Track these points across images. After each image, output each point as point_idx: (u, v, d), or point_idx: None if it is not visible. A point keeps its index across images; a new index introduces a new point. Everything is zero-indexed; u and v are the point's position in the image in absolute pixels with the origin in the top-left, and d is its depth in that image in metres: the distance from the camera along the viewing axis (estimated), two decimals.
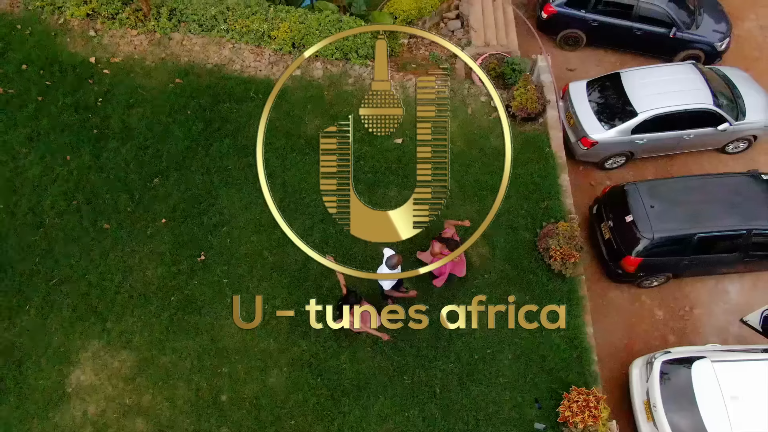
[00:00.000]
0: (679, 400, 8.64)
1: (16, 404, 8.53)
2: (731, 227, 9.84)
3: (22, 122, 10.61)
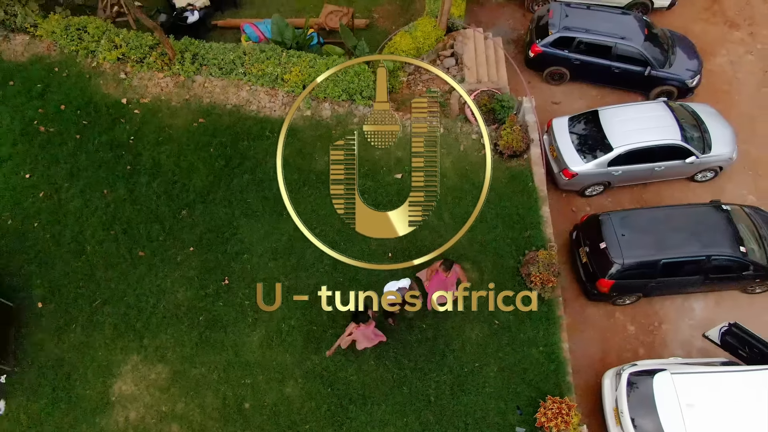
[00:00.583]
0: (643, 407, 9.93)
1: (66, 411, 9.84)
2: (692, 254, 11.11)
3: (63, 159, 11.92)
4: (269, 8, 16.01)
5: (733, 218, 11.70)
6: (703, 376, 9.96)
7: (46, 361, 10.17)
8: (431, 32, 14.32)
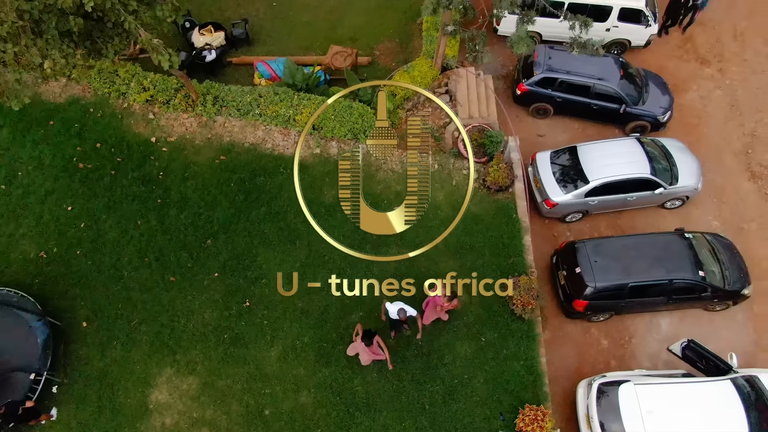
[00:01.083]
0: (610, 413, 11.46)
1: (111, 418, 11.38)
2: (657, 278, 12.63)
3: (100, 192, 13.46)
4: (279, 46, 17.59)
5: (695, 245, 13.20)
6: (661, 386, 11.48)
7: (91, 373, 11.71)
8: (427, 72, 15.86)
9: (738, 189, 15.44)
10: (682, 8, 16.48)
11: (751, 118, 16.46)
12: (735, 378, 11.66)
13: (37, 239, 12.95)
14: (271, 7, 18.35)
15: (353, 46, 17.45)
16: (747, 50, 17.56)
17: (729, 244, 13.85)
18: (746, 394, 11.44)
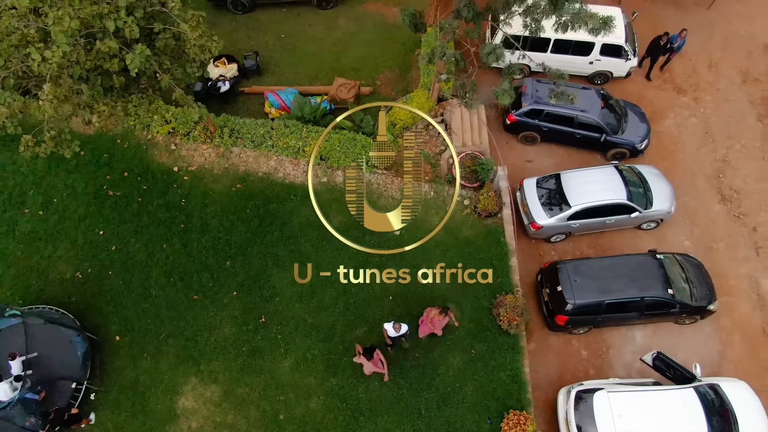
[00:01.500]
0: (586, 417, 12.90)
1: (143, 421, 12.84)
2: (630, 296, 14.06)
3: (128, 218, 14.92)
4: (287, 76, 19.05)
5: (665, 265, 14.63)
6: (631, 393, 12.92)
7: (125, 382, 13.18)
8: (425, 103, 17.30)
9: (709, 211, 16.86)
10: (661, 50, 17.88)
11: (723, 145, 17.88)
12: (697, 386, 13.09)
13: (73, 261, 14.41)
14: (280, 39, 19.80)
15: (356, 76, 18.93)
16: (721, 80, 18.98)
17: (698, 263, 15.27)
18: (708, 401, 12.87)
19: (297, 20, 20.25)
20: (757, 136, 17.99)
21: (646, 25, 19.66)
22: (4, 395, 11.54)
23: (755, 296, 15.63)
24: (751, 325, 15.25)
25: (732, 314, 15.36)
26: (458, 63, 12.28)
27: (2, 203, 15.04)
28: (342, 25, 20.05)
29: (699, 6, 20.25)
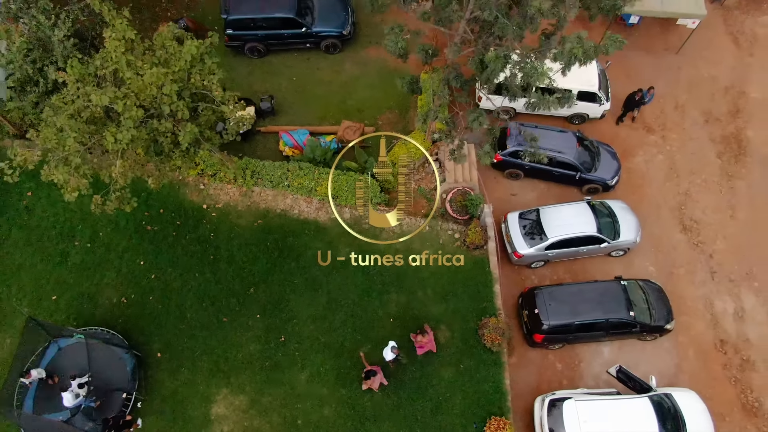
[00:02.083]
0: (557, 422, 15.26)
1: (182, 426, 15.23)
2: (596, 318, 16.40)
3: (165, 250, 17.29)
4: (299, 116, 21.38)
5: (628, 290, 16.97)
6: (595, 402, 15.28)
7: (166, 392, 15.56)
8: (421, 143, 19.62)
9: (671, 239, 19.20)
10: (635, 103, 20.21)
11: (686, 179, 20.21)
12: (652, 395, 15.45)
13: (118, 287, 16.81)
14: (292, 82, 22.14)
15: (360, 116, 21.28)
16: (685, 120, 21.31)
17: (657, 287, 17.62)
18: (660, 408, 15.23)
19: (307, 64, 22.56)
20: (716, 171, 20.30)
21: (621, 69, 21.96)
22: (68, 402, 13.92)
23: (709, 315, 17.99)
24: (704, 341, 17.60)
25: (688, 332, 17.70)
26: (448, 124, 14.61)
27: (56, 236, 17.42)
28: (347, 69, 22.34)
29: (668, 51, 22.54)
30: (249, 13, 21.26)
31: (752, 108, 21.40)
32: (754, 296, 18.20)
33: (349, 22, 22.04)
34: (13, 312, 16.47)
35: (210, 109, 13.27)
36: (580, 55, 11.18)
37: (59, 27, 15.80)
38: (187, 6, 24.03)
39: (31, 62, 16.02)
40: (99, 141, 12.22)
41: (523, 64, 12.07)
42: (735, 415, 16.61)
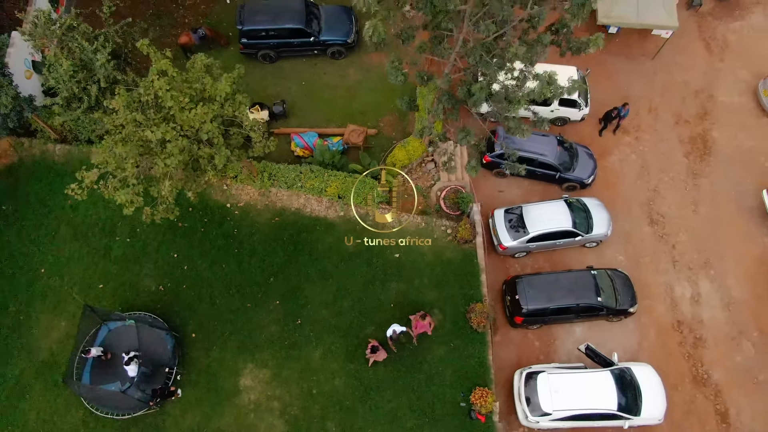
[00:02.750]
0: (532, 392, 18.07)
1: (215, 395, 18.03)
2: (568, 303, 19.03)
3: (195, 244, 19.87)
4: (308, 118, 23.66)
5: (597, 278, 19.55)
6: (564, 375, 18.03)
7: (201, 367, 18.36)
8: (419, 146, 21.97)
9: (640, 232, 21.71)
10: (611, 119, 22.41)
11: (656, 177, 22.61)
12: (613, 369, 18.21)
13: (156, 277, 19.46)
14: (301, 86, 24.35)
15: (363, 118, 23.54)
16: (658, 122, 23.57)
17: (624, 275, 20.23)
18: (620, 380, 17.99)
19: (314, 69, 24.71)
20: (683, 170, 22.70)
21: (601, 73, 24.11)
22: (133, 372, 16.77)
23: (669, 300, 20.66)
24: (663, 322, 20.31)
25: (650, 314, 20.39)
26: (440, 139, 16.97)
27: (99, 232, 19.99)
28: (351, 74, 24.49)
29: (645, 57, 24.63)
30: (262, 24, 23.34)
31: (719, 111, 23.61)
32: (710, 283, 20.81)
33: (353, 31, 24.09)
34: (66, 299, 19.15)
35: (239, 134, 15.66)
36: (548, 95, 13.49)
37: (100, 51, 18.03)
38: (202, 13, 26.05)
39: (76, 82, 18.30)
40: (150, 164, 14.65)
41: (500, 96, 14.41)
42: (686, 385, 19.42)
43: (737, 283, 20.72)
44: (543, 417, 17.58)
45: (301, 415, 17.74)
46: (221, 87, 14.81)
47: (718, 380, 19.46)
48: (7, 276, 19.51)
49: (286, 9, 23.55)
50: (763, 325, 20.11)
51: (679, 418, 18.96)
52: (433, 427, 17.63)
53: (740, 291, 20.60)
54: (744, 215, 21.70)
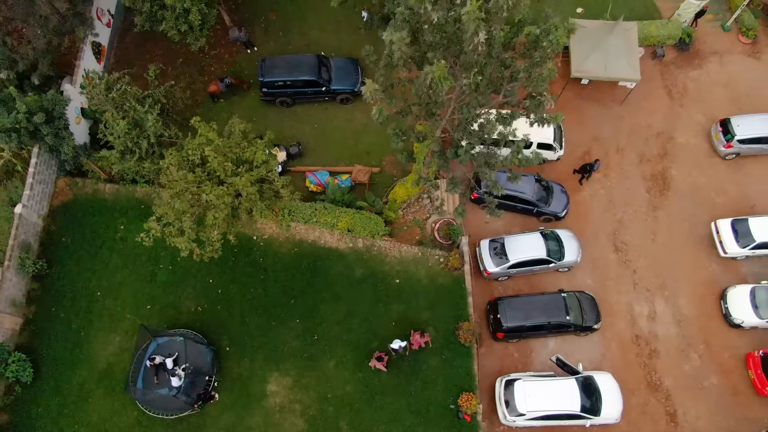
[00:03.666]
0: (510, 396, 21.78)
1: (246, 399, 21.73)
2: (542, 321, 22.70)
3: (226, 271, 23.57)
4: (320, 157, 27.28)
5: (567, 299, 23.22)
6: (537, 382, 21.69)
7: (234, 375, 22.07)
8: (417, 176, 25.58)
9: (606, 258, 25.35)
10: (587, 170, 26.01)
11: (620, 210, 26.22)
12: (578, 377, 21.89)
13: (195, 299, 23.16)
14: (314, 129, 27.97)
15: (368, 158, 27.17)
16: (624, 161, 27.17)
17: (590, 297, 23.89)
18: (583, 387, 21.65)
19: (325, 113, 28.36)
20: (644, 204, 26.32)
21: (575, 117, 27.70)
22: (177, 382, 20.46)
23: (629, 317, 24.30)
24: (624, 336, 23.95)
25: (613, 329, 24.04)
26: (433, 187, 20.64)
27: (145, 260, 23.69)
28: (357, 118, 28.09)
29: (614, 102, 28.21)
30: (279, 77, 27.02)
31: (677, 151, 27.23)
32: (664, 302, 24.46)
33: (359, 81, 27.72)
34: (119, 318, 22.88)
35: (271, 189, 19.37)
36: (517, 164, 17.17)
37: (150, 112, 21.74)
38: (226, 62, 29.72)
39: (130, 138, 22.01)
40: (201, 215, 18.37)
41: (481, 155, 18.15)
42: (642, 390, 23.07)
43: (687, 302, 24.35)
44: (519, 417, 21.26)
45: (318, 415, 21.44)
46: (258, 155, 18.50)
47: (668, 386, 23.10)
48: (70, 298, 23.22)
49: (300, 63, 27.21)
50: (708, 338, 23.76)
51: (635, 418, 22.59)
52: (427, 425, 21.32)
53: (690, 309, 24.23)
54: (695, 244, 25.32)
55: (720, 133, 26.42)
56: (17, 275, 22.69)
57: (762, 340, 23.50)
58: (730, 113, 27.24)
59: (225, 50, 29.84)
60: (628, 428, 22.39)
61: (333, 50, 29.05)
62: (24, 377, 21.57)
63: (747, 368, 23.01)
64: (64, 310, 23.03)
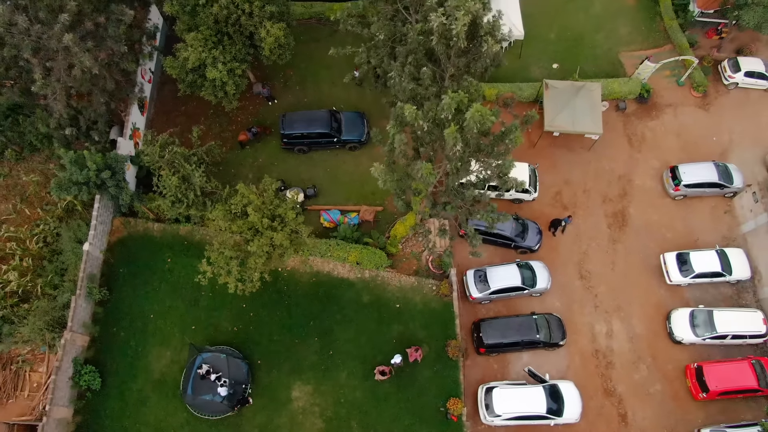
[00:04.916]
0: (489, 400, 26.85)
1: (276, 403, 26.73)
2: (516, 339, 27.66)
3: (257, 298, 28.48)
4: (333, 196, 32.21)
5: (537, 321, 28.22)
6: (511, 389, 26.69)
7: (264, 384, 27.10)
8: (414, 220, 30.66)
9: (572, 285, 30.30)
10: (558, 224, 30.93)
11: (586, 243, 31.14)
12: (545, 385, 26.92)
13: (231, 321, 28.21)
14: (327, 172, 32.89)
15: (373, 198, 32.10)
16: (590, 201, 32.09)
17: (557, 318, 28.87)
18: (549, 393, 26.66)
19: (336, 158, 33.27)
20: (605, 237, 31.25)
21: (549, 162, 32.60)
22: (225, 392, 25.53)
23: (590, 334, 29.28)
24: (585, 351, 28.94)
25: (576, 345, 29.03)
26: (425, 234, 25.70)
27: (189, 288, 28.71)
28: (363, 163, 32.82)
29: (583, 148, 33.09)
30: (297, 130, 32.00)
31: (635, 192, 32.14)
32: (620, 322, 29.41)
33: (365, 132, 32.69)
34: (169, 336, 27.94)
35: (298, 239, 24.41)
36: (490, 221, 22.22)
37: (196, 170, 26.78)
38: (251, 112, 34.69)
39: (180, 191, 27.05)
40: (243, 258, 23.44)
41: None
42: (599, 396, 28.06)
43: (639, 322, 29.32)
44: (496, 417, 26.28)
45: (334, 417, 26.51)
46: (290, 215, 23.50)
47: (621, 392, 28.09)
48: (128, 320, 28.28)
49: (315, 118, 32.18)
50: (655, 353, 28.74)
51: (593, 419, 27.59)
52: (422, 424, 26.37)
53: (641, 328, 29.20)
54: (647, 272, 30.26)
55: (670, 178, 31.34)
56: (86, 301, 27.74)
57: (698, 354, 28.46)
58: (680, 159, 32.14)
59: (249, 102, 34.73)
60: (587, 427, 27.36)
61: (342, 101, 33.97)
62: (94, 385, 26.65)
63: (685, 378, 27.99)
64: (123, 329, 28.06)
